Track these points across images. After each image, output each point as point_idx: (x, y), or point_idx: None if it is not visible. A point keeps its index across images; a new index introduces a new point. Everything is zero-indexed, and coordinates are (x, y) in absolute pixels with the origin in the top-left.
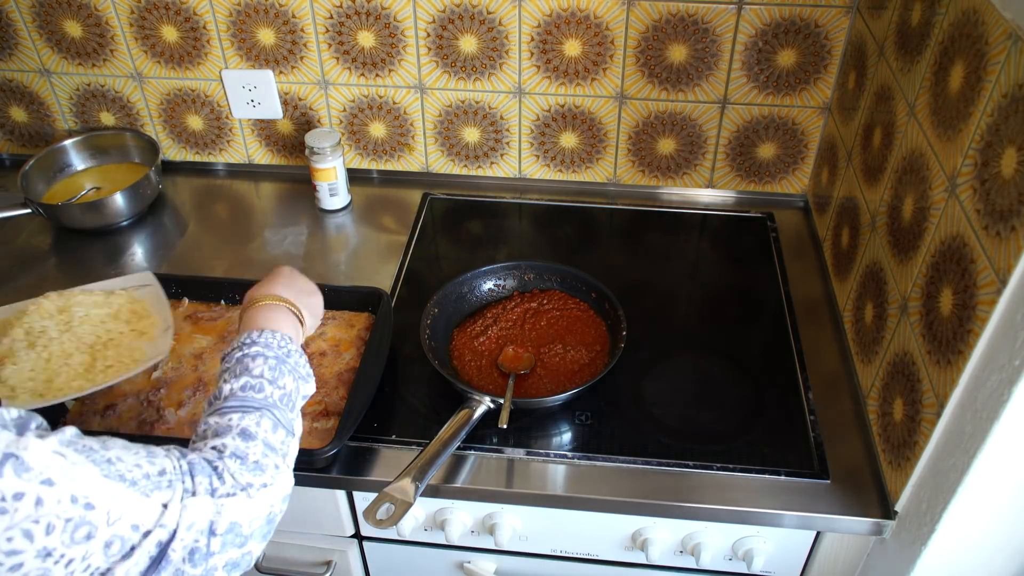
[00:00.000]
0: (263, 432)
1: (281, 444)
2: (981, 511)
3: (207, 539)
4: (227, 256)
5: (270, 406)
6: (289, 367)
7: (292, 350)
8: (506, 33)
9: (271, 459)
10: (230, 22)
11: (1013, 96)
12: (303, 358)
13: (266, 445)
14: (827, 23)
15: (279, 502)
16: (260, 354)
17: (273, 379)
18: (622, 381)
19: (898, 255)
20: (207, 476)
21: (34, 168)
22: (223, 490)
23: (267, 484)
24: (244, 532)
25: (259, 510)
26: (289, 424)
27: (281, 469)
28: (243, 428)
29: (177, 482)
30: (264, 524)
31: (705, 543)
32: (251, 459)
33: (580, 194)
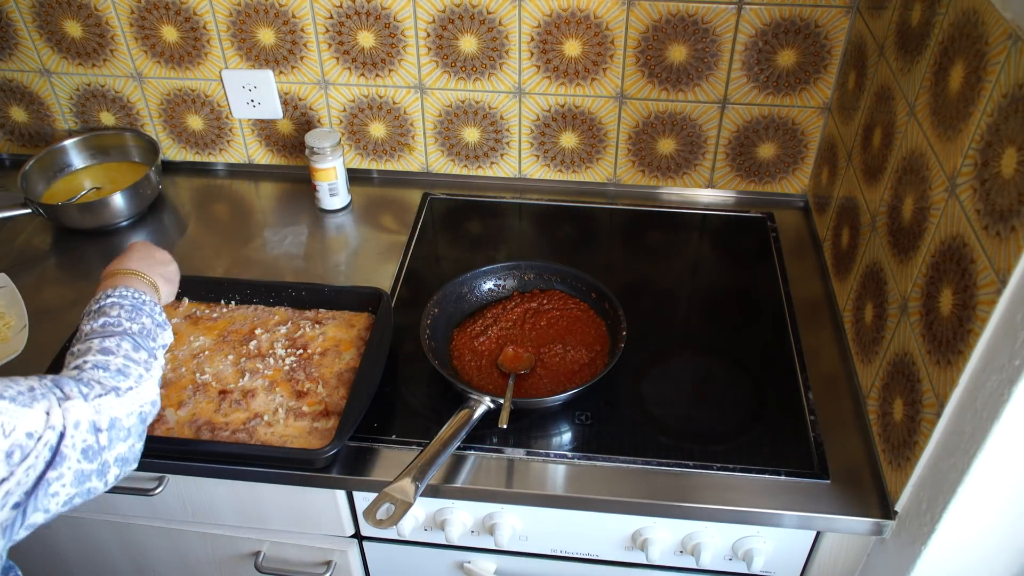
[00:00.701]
0: (123, 349)
1: (144, 361)
2: (981, 511)
3: (95, 436)
4: (227, 256)
5: (130, 333)
6: (145, 312)
7: (146, 300)
8: (506, 33)
9: (133, 369)
10: (230, 22)
11: (1013, 96)
12: (159, 308)
13: (127, 358)
14: (827, 23)
15: (148, 404)
16: (115, 303)
17: (131, 318)
18: (622, 381)
19: (898, 255)
20: (74, 386)
21: (34, 168)
22: (94, 393)
23: (132, 387)
24: (125, 426)
25: (131, 407)
26: (150, 349)
27: (145, 378)
28: (104, 347)
29: (48, 393)
30: (138, 422)
31: (705, 543)
32: (113, 367)
33: (580, 194)
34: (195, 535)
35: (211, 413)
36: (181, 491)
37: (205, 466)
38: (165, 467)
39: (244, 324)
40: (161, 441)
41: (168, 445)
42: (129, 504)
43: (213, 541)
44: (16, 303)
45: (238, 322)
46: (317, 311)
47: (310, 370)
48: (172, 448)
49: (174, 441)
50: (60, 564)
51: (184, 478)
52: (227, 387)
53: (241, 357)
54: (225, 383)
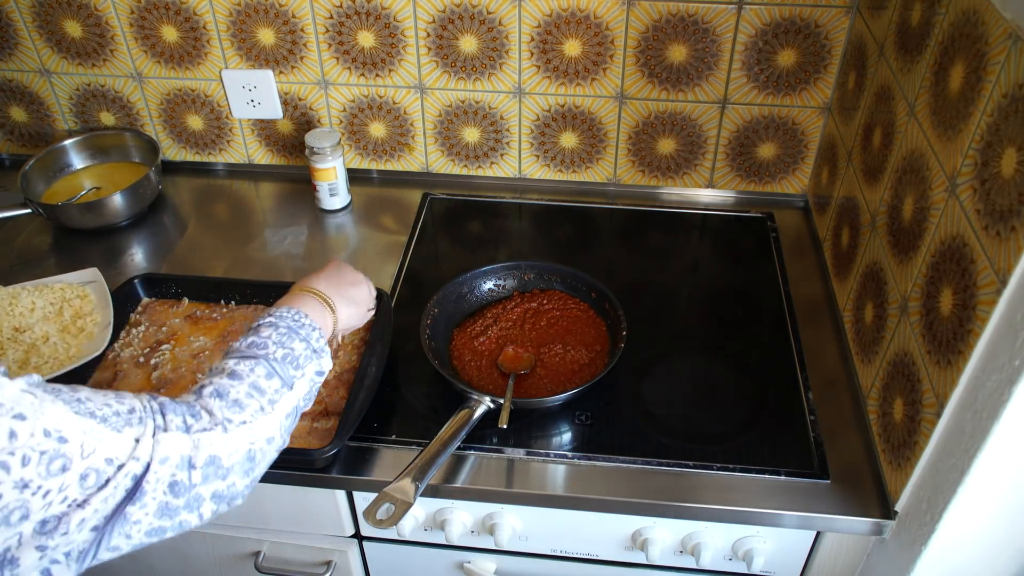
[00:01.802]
0: (253, 376)
1: (273, 392)
2: (981, 511)
3: (187, 472)
4: (227, 256)
5: (269, 358)
6: (300, 336)
7: (306, 323)
8: (506, 33)
9: (255, 400)
10: (230, 22)
11: (1013, 96)
12: (317, 332)
13: (253, 387)
14: (827, 23)
15: (261, 441)
16: (272, 323)
17: (279, 341)
18: (622, 381)
19: (898, 255)
20: (179, 415)
21: (34, 168)
22: (198, 426)
23: (246, 422)
24: (224, 464)
25: (237, 444)
26: (288, 378)
27: (266, 412)
28: (234, 371)
29: (148, 419)
30: (244, 460)
31: (705, 543)
32: (231, 396)
33: (580, 194)
34: (195, 535)
35: None
36: None
37: None
38: None
39: (244, 324)
40: None
41: None
42: None
43: (213, 541)
44: (105, 300)
45: (238, 322)
46: None
47: None
48: None
49: None
50: None
51: None
52: None
53: None
54: None
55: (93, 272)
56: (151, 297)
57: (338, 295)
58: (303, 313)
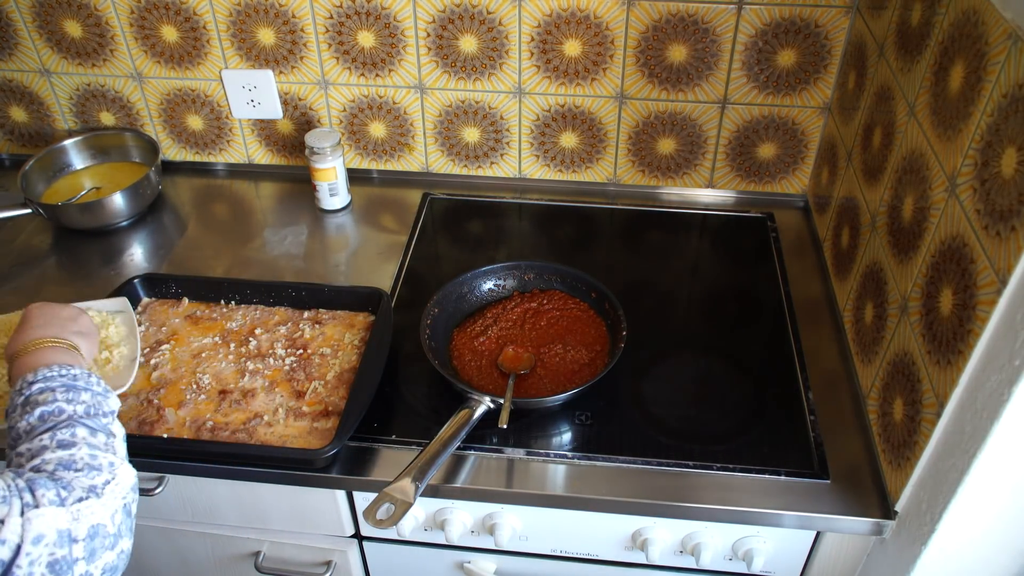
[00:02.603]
0: (80, 438)
1: (104, 444)
2: (981, 511)
3: (68, 548)
4: (227, 256)
5: (77, 418)
6: (81, 387)
7: (77, 374)
8: (506, 33)
9: (102, 458)
10: (230, 22)
11: (1013, 96)
12: (94, 377)
13: (90, 446)
14: (827, 23)
15: (130, 492)
16: (43, 388)
17: (69, 399)
18: (622, 381)
19: (898, 255)
20: (51, 488)
21: (34, 168)
22: (73, 496)
23: (109, 480)
24: (110, 531)
25: (115, 505)
26: (105, 428)
27: (116, 464)
28: (59, 440)
29: (13, 497)
30: (125, 517)
31: (705, 543)
32: (81, 463)
33: (580, 194)
34: (195, 535)
35: (211, 413)
36: (181, 491)
37: (205, 466)
38: (165, 467)
39: (244, 324)
40: (161, 441)
41: (168, 445)
42: None
43: (213, 541)
44: (132, 332)
45: (238, 322)
46: (317, 311)
47: (310, 370)
48: (172, 448)
49: (174, 441)
50: None
51: (184, 478)
52: (227, 387)
53: (241, 357)
54: (225, 383)
55: (122, 302)
56: (151, 297)
57: (69, 333)
58: (66, 366)
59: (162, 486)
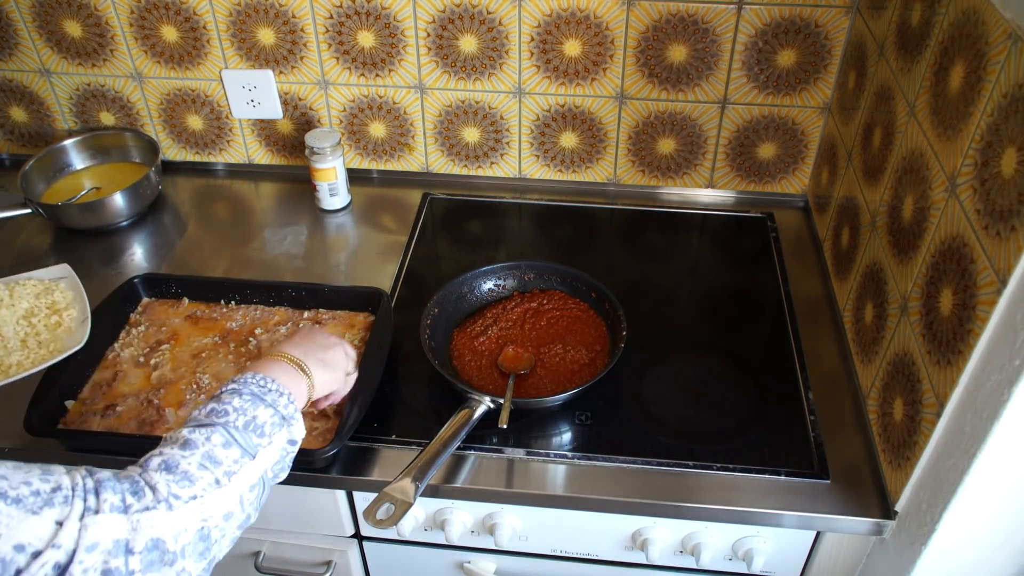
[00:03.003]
0: (208, 445)
1: (231, 462)
2: (981, 511)
3: (124, 558)
4: (227, 256)
5: (229, 425)
6: (266, 403)
7: (272, 389)
8: (506, 33)
9: (209, 472)
10: (230, 22)
11: (1013, 96)
12: (285, 397)
13: (207, 457)
14: (827, 23)
15: (217, 518)
16: (236, 390)
17: (241, 408)
18: (622, 381)
19: (898, 255)
20: (118, 493)
21: (34, 168)
22: (139, 505)
23: (196, 496)
24: (170, 548)
25: (186, 524)
26: (251, 447)
27: (221, 484)
28: (188, 440)
29: (77, 499)
30: (196, 541)
31: (705, 543)
32: (180, 468)
33: (580, 194)
34: None
35: None
36: None
37: None
38: None
39: (244, 324)
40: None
41: None
42: None
43: None
44: (79, 295)
45: (238, 322)
46: (317, 311)
47: None
48: None
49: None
50: None
51: None
52: None
53: (241, 357)
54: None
55: (64, 268)
56: (151, 297)
57: (311, 358)
58: (269, 378)
59: None
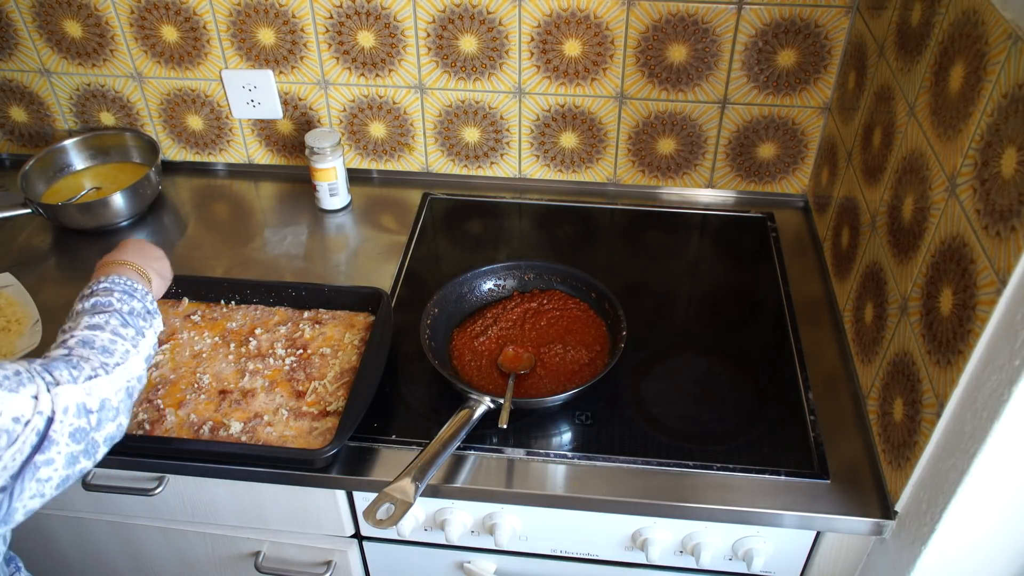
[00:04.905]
0: (111, 326)
1: (131, 337)
2: (981, 511)
3: (85, 418)
4: (227, 256)
5: (117, 311)
6: (137, 298)
7: (138, 288)
8: (506, 33)
9: (120, 344)
10: (230, 22)
11: (1013, 96)
12: (149, 296)
13: (114, 333)
14: (827, 23)
15: (135, 380)
16: (107, 288)
17: (121, 299)
18: (622, 381)
19: (898, 255)
20: (64, 369)
21: (34, 168)
22: (83, 375)
23: (119, 363)
24: (114, 405)
25: (119, 384)
26: (139, 328)
27: (132, 353)
28: (92, 323)
29: (37, 377)
30: (125, 397)
31: (705, 543)
32: (99, 344)
33: (580, 194)
34: (195, 535)
35: (211, 413)
36: (181, 491)
37: (205, 466)
38: (165, 467)
39: (244, 324)
40: (161, 441)
41: (168, 445)
42: (129, 504)
43: (213, 541)
44: (25, 300)
45: (238, 322)
46: (317, 311)
47: (310, 370)
48: (172, 448)
49: (174, 441)
50: (60, 563)
51: (184, 478)
52: (227, 387)
53: (241, 357)
54: (225, 383)
55: (6, 277)
56: None
57: (148, 268)
58: (131, 280)
59: (162, 486)
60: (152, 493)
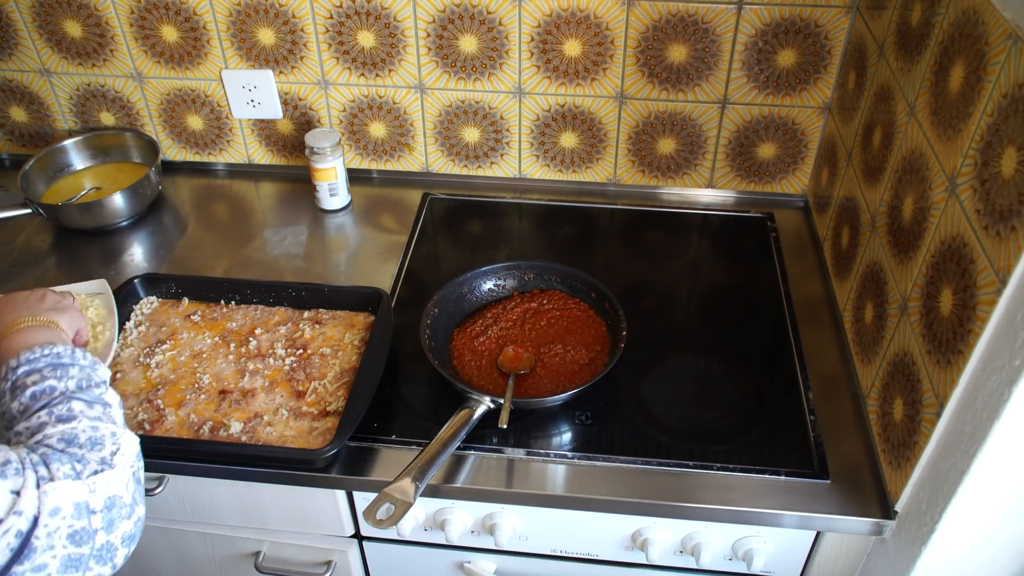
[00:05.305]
0: (78, 411)
1: (104, 414)
2: (981, 511)
3: (87, 519)
4: (227, 256)
5: (70, 393)
6: (67, 363)
7: (60, 351)
8: (506, 33)
9: (104, 428)
10: (230, 22)
11: (1013, 96)
12: (78, 352)
13: (89, 419)
14: (827, 23)
15: (136, 460)
16: (29, 371)
17: (58, 376)
18: (622, 381)
19: (898, 255)
20: (66, 463)
21: (34, 168)
22: (88, 469)
23: (115, 451)
24: (127, 501)
25: (126, 475)
26: (100, 399)
27: (119, 434)
28: (57, 416)
29: (28, 470)
30: (136, 485)
31: (705, 543)
32: (84, 436)
33: (580, 194)
34: (195, 535)
35: (211, 413)
36: (181, 491)
37: (205, 466)
38: (165, 467)
39: (244, 324)
40: (161, 441)
41: (168, 445)
42: None
43: (213, 541)
44: (111, 313)
45: (238, 322)
46: (317, 311)
47: (310, 370)
48: (172, 448)
49: (174, 441)
50: None
51: (184, 478)
52: (227, 387)
53: (241, 357)
54: (225, 383)
55: (102, 284)
56: (151, 297)
57: (41, 312)
58: (48, 345)
59: (162, 486)
60: (152, 493)
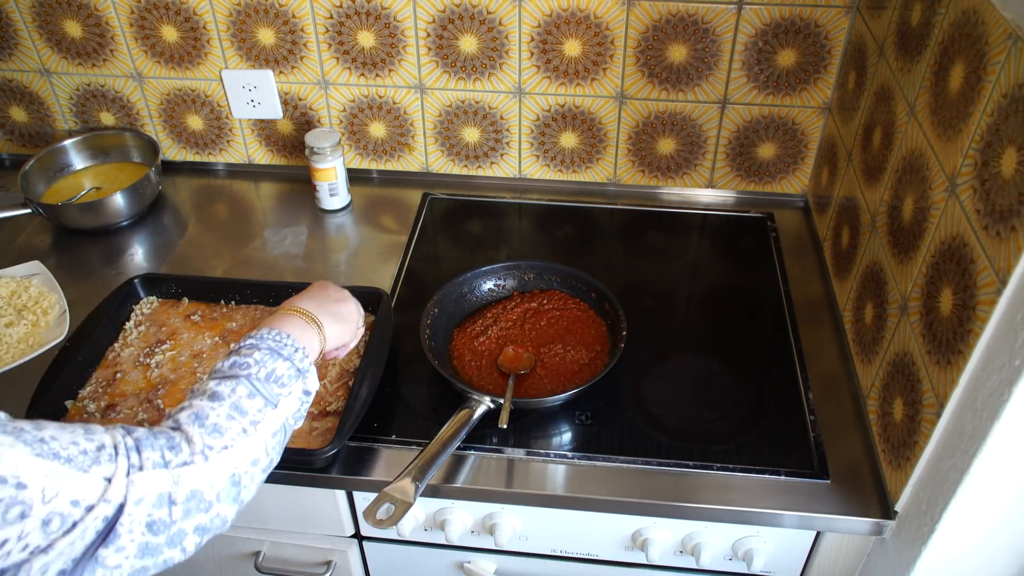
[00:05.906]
0: (235, 396)
1: (256, 412)
2: (981, 511)
3: (167, 509)
4: (227, 256)
5: (252, 377)
6: (283, 356)
7: (288, 343)
8: (506, 33)
9: (237, 422)
10: (230, 22)
11: (1013, 96)
12: (300, 352)
13: (233, 407)
14: (827, 23)
15: (245, 464)
16: (254, 345)
17: (261, 361)
18: (622, 381)
19: (898, 255)
20: (157, 450)
21: (34, 168)
22: (177, 460)
23: (228, 447)
24: (207, 498)
25: (220, 472)
26: (273, 396)
27: (249, 433)
28: (215, 392)
29: (121, 457)
30: (229, 487)
31: (705, 543)
32: (210, 421)
33: (580, 194)
34: None
35: None
36: None
37: None
38: None
39: (244, 324)
40: None
41: None
42: None
43: (213, 541)
44: (53, 289)
45: (238, 322)
46: None
47: None
48: None
49: None
50: None
51: None
52: None
53: None
54: None
55: (35, 264)
56: (151, 297)
57: (323, 312)
58: (284, 333)
59: None
60: None
